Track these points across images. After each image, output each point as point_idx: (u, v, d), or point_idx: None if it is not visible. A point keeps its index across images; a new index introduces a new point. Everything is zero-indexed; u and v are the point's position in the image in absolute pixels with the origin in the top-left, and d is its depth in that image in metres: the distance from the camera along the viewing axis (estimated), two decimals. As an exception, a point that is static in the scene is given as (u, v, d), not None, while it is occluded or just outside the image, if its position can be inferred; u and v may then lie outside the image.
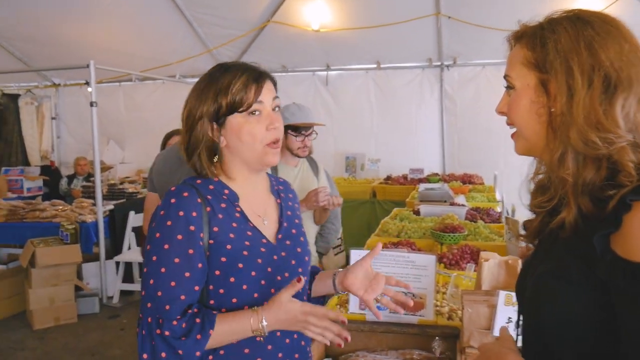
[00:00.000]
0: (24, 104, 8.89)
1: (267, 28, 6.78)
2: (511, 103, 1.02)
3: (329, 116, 7.62)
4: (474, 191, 5.44)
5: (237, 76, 1.34)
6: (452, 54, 6.98)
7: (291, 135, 2.90)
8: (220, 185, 1.40)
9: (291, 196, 1.60)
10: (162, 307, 1.25)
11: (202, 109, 1.34)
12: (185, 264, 1.28)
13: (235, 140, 1.35)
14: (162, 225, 1.30)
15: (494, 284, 1.75)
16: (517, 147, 1.06)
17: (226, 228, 1.34)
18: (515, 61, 1.01)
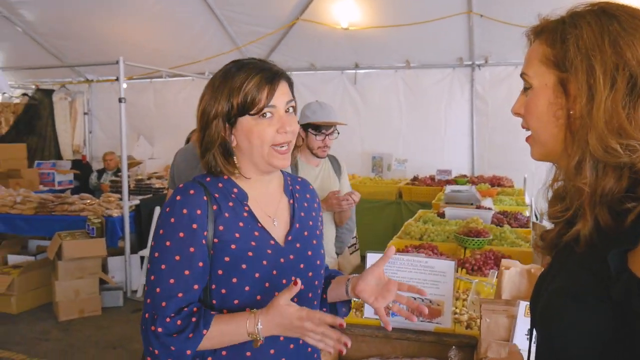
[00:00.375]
0: (58, 99, 9.09)
1: (296, 26, 6.76)
2: (528, 104, 0.95)
3: (357, 115, 7.56)
4: (503, 194, 5.31)
5: (250, 76, 1.30)
6: (484, 53, 6.83)
7: (312, 134, 2.85)
8: (229, 184, 1.37)
9: (309, 196, 1.55)
10: (159, 304, 1.24)
11: (217, 107, 1.31)
12: (185, 262, 1.26)
13: (245, 141, 1.32)
14: (166, 222, 1.28)
15: (515, 294, 1.67)
16: (533, 152, 0.98)
17: (232, 227, 1.31)
18: (534, 58, 0.93)
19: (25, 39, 7.36)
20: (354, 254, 3.28)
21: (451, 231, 3.23)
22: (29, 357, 4.04)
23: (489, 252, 2.73)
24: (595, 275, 0.82)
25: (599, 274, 0.81)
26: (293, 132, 1.35)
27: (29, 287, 5.06)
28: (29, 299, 5.05)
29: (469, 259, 2.65)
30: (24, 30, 7.18)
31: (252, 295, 1.30)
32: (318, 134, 2.83)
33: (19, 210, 5.38)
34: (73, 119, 9.23)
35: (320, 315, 1.19)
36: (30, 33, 7.26)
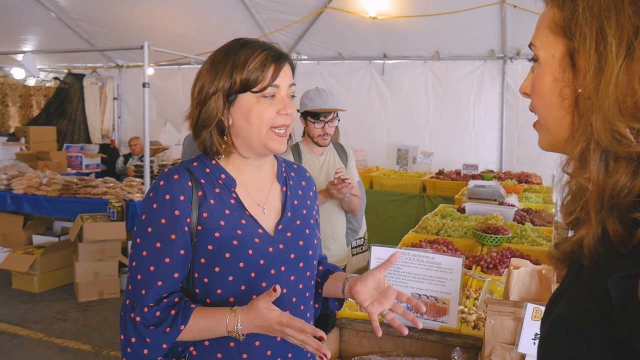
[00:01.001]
0: (89, 83, 9.23)
1: (324, 14, 6.66)
2: (533, 81, 0.78)
3: (383, 106, 7.46)
4: (530, 191, 5.14)
5: (256, 52, 1.25)
6: (517, 46, 6.62)
7: (311, 123, 2.79)
8: (217, 170, 1.31)
9: (304, 184, 1.48)
10: (139, 292, 1.21)
11: (218, 83, 1.25)
12: (166, 250, 1.22)
13: (242, 120, 1.26)
14: (149, 207, 1.24)
15: (524, 295, 1.58)
16: (540, 141, 0.83)
17: (217, 215, 1.26)
18: (542, 25, 0.77)
19: (59, 24, 7.45)
20: (358, 256, 3.18)
21: (469, 227, 3.12)
22: (47, 336, 4.10)
23: (507, 250, 2.62)
24: (599, 302, 0.65)
25: (602, 301, 0.64)
26: (292, 116, 1.29)
27: (50, 268, 5.14)
28: (50, 279, 5.14)
29: (485, 256, 2.54)
30: (57, 16, 7.27)
31: (236, 285, 1.25)
32: (317, 122, 2.77)
33: (44, 191, 5.47)
34: (103, 104, 9.37)
35: (301, 325, 1.14)
36: (63, 18, 7.35)
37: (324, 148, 2.90)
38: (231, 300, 1.25)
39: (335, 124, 2.84)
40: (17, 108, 9.12)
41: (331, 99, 2.80)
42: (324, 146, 2.86)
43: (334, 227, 2.87)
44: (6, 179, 5.80)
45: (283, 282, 1.31)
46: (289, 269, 1.32)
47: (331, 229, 2.83)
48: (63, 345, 3.96)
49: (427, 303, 1.76)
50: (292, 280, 1.34)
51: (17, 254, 5.17)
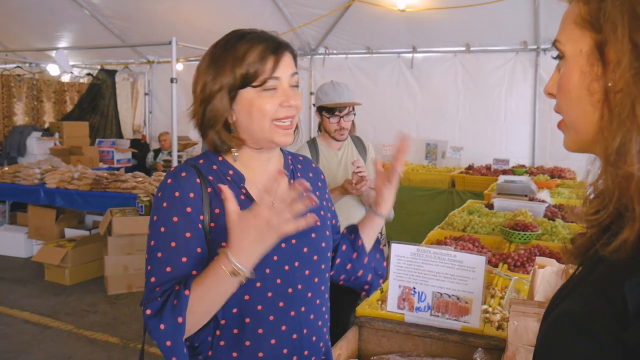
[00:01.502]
0: (121, 79, 9.37)
1: (352, 7, 6.60)
2: (560, 79, 0.75)
3: (412, 100, 7.37)
4: (563, 186, 4.99)
5: (253, 45, 1.21)
6: (550, 37, 6.42)
7: (326, 118, 2.76)
8: (224, 166, 1.28)
9: (311, 175, 1.46)
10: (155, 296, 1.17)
11: (222, 80, 1.21)
12: (181, 249, 1.18)
13: (245, 115, 1.23)
14: (159, 207, 1.21)
15: (549, 296, 1.51)
16: (565, 141, 0.78)
17: None
18: (568, 20, 0.74)
19: (92, 21, 7.58)
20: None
21: (497, 223, 3.03)
22: (77, 328, 4.18)
23: (535, 248, 2.54)
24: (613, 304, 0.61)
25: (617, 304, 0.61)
26: (297, 107, 1.25)
27: (81, 261, 5.24)
28: (81, 272, 5.24)
29: (512, 254, 2.46)
30: (90, 13, 7.40)
31: (251, 282, 1.22)
32: (332, 117, 2.73)
33: (75, 185, 5.58)
34: (134, 99, 9.50)
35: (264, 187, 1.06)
36: (97, 15, 7.48)
37: (342, 142, 2.86)
38: (246, 297, 1.22)
39: (351, 118, 2.80)
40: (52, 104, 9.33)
41: (346, 92, 2.76)
42: (341, 141, 2.82)
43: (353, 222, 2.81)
44: (40, 174, 5.93)
45: (298, 278, 1.29)
46: (303, 264, 1.29)
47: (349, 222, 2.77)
48: (92, 337, 4.03)
49: (449, 302, 1.71)
50: (307, 275, 1.31)
51: (49, 247, 5.29)
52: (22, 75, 8.92)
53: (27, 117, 8.87)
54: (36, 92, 9.00)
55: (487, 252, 2.51)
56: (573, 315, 0.67)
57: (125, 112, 9.40)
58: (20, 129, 7.77)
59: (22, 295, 4.89)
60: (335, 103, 2.71)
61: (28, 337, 4.03)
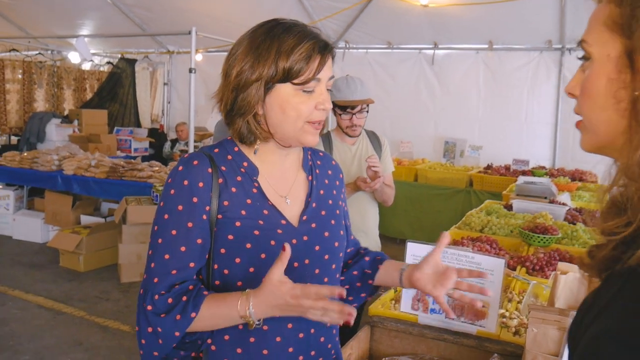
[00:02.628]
0: (140, 69, 9.40)
1: (374, 1, 6.51)
2: (584, 82, 0.72)
3: (432, 97, 7.27)
4: (583, 189, 4.88)
5: (303, 41, 1.15)
6: (576, 36, 6.22)
7: (338, 114, 2.72)
8: (239, 157, 1.24)
9: (330, 172, 1.40)
10: (152, 280, 1.16)
11: (262, 70, 1.15)
12: (181, 238, 1.16)
13: (278, 111, 1.18)
14: (167, 193, 1.19)
15: (571, 303, 1.45)
16: (583, 141, 0.76)
17: (238, 203, 1.19)
18: (596, 21, 0.71)
19: (113, 9, 7.59)
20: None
21: (516, 225, 2.96)
22: (89, 314, 4.19)
23: (555, 252, 2.47)
24: None
25: None
26: (328, 110, 1.22)
27: (96, 248, 5.27)
28: (95, 259, 5.26)
29: (530, 257, 2.40)
30: (112, 2, 7.41)
31: (258, 277, 1.18)
32: (344, 114, 2.69)
33: (92, 173, 5.60)
34: (153, 89, 9.53)
35: (316, 289, 1.06)
36: (118, 4, 7.48)
37: (356, 137, 2.82)
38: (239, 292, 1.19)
39: (364, 115, 2.74)
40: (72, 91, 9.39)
41: (359, 89, 2.70)
42: (354, 137, 2.79)
43: (365, 219, 2.78)
44: (58, 160, 5.97)
45: (307, 276, 1.25)
46: (313, 262, 1.25)
47: (362, 221, 2.73)
48: (104, 324, 4.04)
49: (465, 305, 1.66)
50: (316, 274, 1.27)
51: (65, 232, 5.33)
52: (43, 62, 8.99)
53: (47, 104, 8.94)
54: (57, 79, 9.07)
55: (505, 255, 2.45)
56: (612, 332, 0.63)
57: (143, 101, 9.43)
58: (40, 115, 7.83)
59: (37, 280, 4.93)
60: (347, 101, 2.67)
61: (41, 321, 4.05)
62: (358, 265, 1.44)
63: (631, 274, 0.65)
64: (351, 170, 2.75)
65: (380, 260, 1.44)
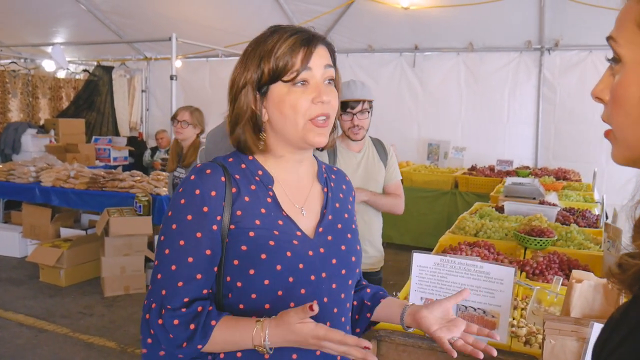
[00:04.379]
0: (117, 76, 9.23)
1: (354, 5, 6.50)
2: (616, 87, 0.65)
3: (414, 100, 7.28)
4: (569, 189, 4.91)
5: (283, 38, 1.12)
6: (555, 36, 6.36)
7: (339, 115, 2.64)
8: (254, 165, 1.20)
9: (344, 187, 1.37)
10: (159, 292, 1.12)
11: (246, 75, 1.15)
12: (189, 248, 1.12)
13: (277, 113, 1.15)
14: (176, 203, 1.15)
15: (587, 312, 1.41)
16: (614, 154, 0.69)
17: (252, 213, 1.14)
18: (628, 20, 0.64)
19: (89, 16, 7.44)
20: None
21: (510, 228, 2.94)
22: (72, 331, 4.06)
23: (553, 255, 2.44)
24: None
25: None
26: (332, 105, 1.16)
27: (77, 261, 5.11)
28: (77, 273, 5.11)
29: (530, 261, 2.37)
30: (87, 8, 7.26)
31: (272, 290, 1.13)
32: (344, 114, 2.63)
33: (71, 184, 5.45)
34: (131, 96, 9.36)
35: (342, 337, 1.02)
36: (93, 10, 7.34)
37: (361, 144, 2.74)
38: (267, 307, 1.14)
39: (366, 116, 2.67)
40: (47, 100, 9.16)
41: (360, 89, 2.65)
42: (357, 140, 2.70)
43: (371, 228, 2.73)
44: (35, 171, 5.80)
45: (324, 290, 1.20)
46: (330, 276, 1.20)
47: (368, 230, 2.69)
48: (88, 341, 3.91)
49: (475, 316, 1.61)
50: (333, 289, 1.21)
51: (44, 246, 5.16)
52: (17, 71, 8.76)
53: (22, 114, 8.71)
54: (31, 88, 8.84)
55: (504, 259, 2.42)
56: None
57: (121, 109, 9.26)
58: (15, 125, 7.62)
59: (17, 296, 4.76)
60: (346, 99, 2.61)
61: (22, 340, 3.91)
62: (358, 296, 1.39)
63: None
64: (355, 179, 2.66)
65: (382, 294, 1.40)
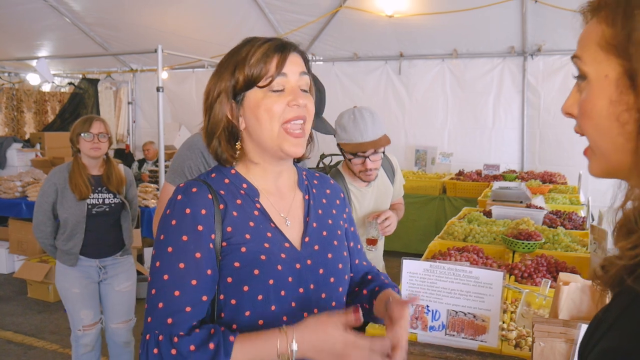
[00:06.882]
0: (103, 88, 9.19)
1: (339, 14, 6.54)
2: (582, 103, 0.71)
3: (401, 107, 7.33)
4: (555, 192, 4.97)
5: (256, 46, 1.14)
6: (537, 42, 6.45)
7: (347, 158, 2.37)
8: (237, 179, 1.20)
9: (329, 192, 1.36)
10: (164, 321, 1.07)
11: (220, 85, 1.16)
12: (191, 270, 1.09)
13: (253, 119, 1.15)
14: (167, 225, 1.12)
15: (574, 314, 1.44)
16: (591, 167, 0.75)
17: (242, 228, 1.14)
18: (590, 41, 0.70)
19: (73, 29, 7.41)
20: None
21: (498, 232, 2.97)
22: (62, 347, 4.02)
23: (541, 258, 2.47)
24: None
25: None
26: (308, 109, 1.16)
27: (66, 276, 5.06)
28: (64, 288, 5.05)
29: (519, 264, 2.39)
30: (71, 21, 7.23)
31: (266, 305, 1.13)
32: (354, 157, 2.31)
33: (58, 198, 5.40)
34: (117, 108, 9.33)
35: (371, 344, 1.02)
36: (78, 23, 7.31)
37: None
38: (260, 322, 1.13)
39: (380, 157, 2.32)
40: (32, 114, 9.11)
41: (370, 127, 2.27)
42: (370, 181, 2.41)
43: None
44: (21, 186, 5.75)
45: (313, 302, 1.20)
46: (318, 287, 1.21)
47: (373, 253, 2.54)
48: (79, 356, 3.87)
49: (465, 321, 1.63)
50: (323, 298, 1.22)
51: (32, 262, 5.12)
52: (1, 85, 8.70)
53: (6, 128, 8.64)
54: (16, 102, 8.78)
55: (493, 264, 2.44)
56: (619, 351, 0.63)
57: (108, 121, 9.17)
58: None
59: (4, 313, 4.71)
60: (355, 144, 2.26)
61: (11, 358, 3.86)
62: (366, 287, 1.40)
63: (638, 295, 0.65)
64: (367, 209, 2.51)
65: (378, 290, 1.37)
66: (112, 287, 3.15)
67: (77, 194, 2.99)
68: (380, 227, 2.40)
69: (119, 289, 3.17)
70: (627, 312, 0.66)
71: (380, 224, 2.40)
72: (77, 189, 2.99)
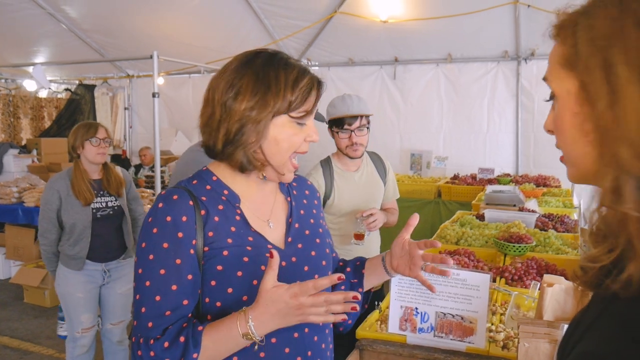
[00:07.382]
0: (100, 94, 9.21)
1: (334, 19, 6.59)
2: (554, 119, 0.77)
3: (396, 111, 7.36)
4: (549, 195, 5.00)
5: (303, 73, 1.18)
6: (531, 47, 6.49)
7: (335, 133, 2.53)
8: (219, 186, 1.23)
9: (307, 192, 1.43)
10: (145, 325, 1.11)
11: (275, 102, 1.14)
12: (171, 276, 1.12)
13: (272, 142, 1.17)
14: (149, 233, 1.15)
15: (559, 315, 1.46)
16: (568, 174, 0.80)
17: (223, 233, 1.17)
18: (553, 61, 0.76)
19: (70, 35, 7.45)
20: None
21: (490, 235, 3.00)
22: (58, 352, 4.03)
23: (531, 260, 2.50)
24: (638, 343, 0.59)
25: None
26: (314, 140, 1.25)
27: (58, 282, 5.07)
28: (58, 294, 5.06)
29: (509, 267, 2.42)
30: (68, 27, 7.27)
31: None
32: (341, 131, 2.49)
33: (55, 204, 5.41)
34: (114, 114, 9.35)
35: (314, 282, 1.05)
36: (74, 29, 7.35)
37: (358, 162, 2.63)
38: None
39: (365, 132, 2.52)
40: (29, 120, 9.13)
41: (356, 104, 2.50)
42: (356, 157, 2.57)
43: (369, 244, 2.65)
44: (17, 192, 5.77)
45: None
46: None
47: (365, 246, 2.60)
48: (75, 361, 3.88)
49: (453, 322, 1.66)
50: None
51: (28, 267, 5.14)
52: (-3, 91, 8.73)
53: (3, 134, 8.66)
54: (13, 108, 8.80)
55: (484, 267, 2.47)
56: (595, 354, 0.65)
57: (104, 127, 9.24)
58: (-4, 146, 7.56)
59: (0, 318, 4.72)
60: (342, 115, 2.48)
61: (7, 363, 3.88)
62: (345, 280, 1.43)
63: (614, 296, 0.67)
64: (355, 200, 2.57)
65: (360, 265, 1.47)
66: (115, 290, 3.20)
67: (82, 200, 3.02)
68: (366, 223, 2.46)
69: (121, 292, 3.23)
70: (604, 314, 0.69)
71: (365, 219, 2.45)
72: (81, 194, 3.02)
